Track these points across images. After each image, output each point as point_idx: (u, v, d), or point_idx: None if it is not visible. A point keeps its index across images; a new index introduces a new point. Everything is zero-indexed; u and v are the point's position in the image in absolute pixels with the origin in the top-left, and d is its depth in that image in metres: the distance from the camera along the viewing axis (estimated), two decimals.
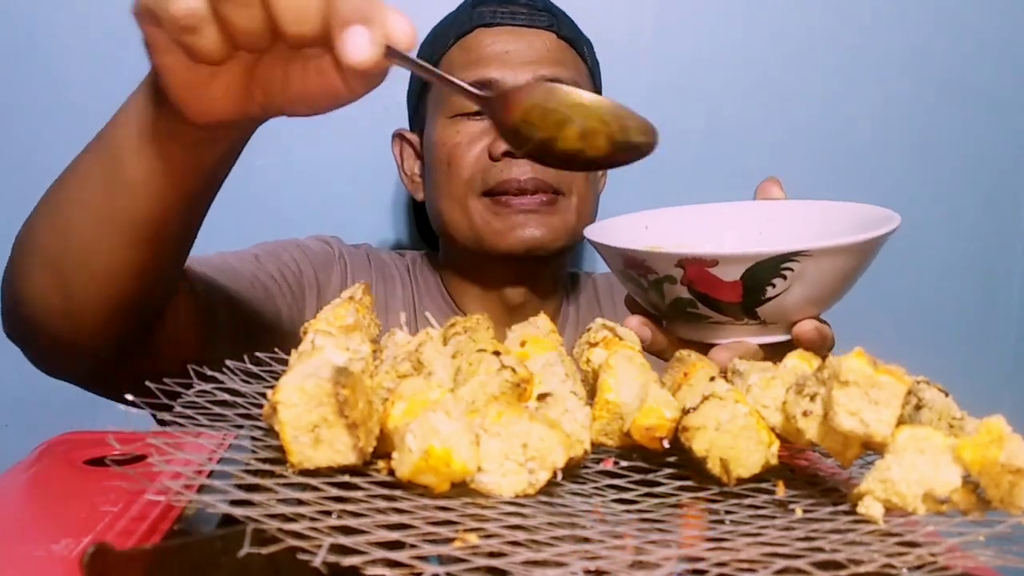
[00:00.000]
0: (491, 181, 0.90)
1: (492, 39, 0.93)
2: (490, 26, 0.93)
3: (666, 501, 0.44)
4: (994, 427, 0.39)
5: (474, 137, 0.92)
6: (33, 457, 0.52)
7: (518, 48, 0.92)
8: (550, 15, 0.95)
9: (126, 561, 0.31)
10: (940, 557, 0.35)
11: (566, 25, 0.97)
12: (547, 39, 0.94)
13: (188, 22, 0.44)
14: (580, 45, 0.97)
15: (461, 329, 0.61)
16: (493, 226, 0.91)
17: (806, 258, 0.58)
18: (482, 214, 0.91)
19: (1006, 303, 1.35)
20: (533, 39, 0.93)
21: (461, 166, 0.92)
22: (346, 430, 0.38)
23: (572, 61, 0.96)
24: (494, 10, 0.94)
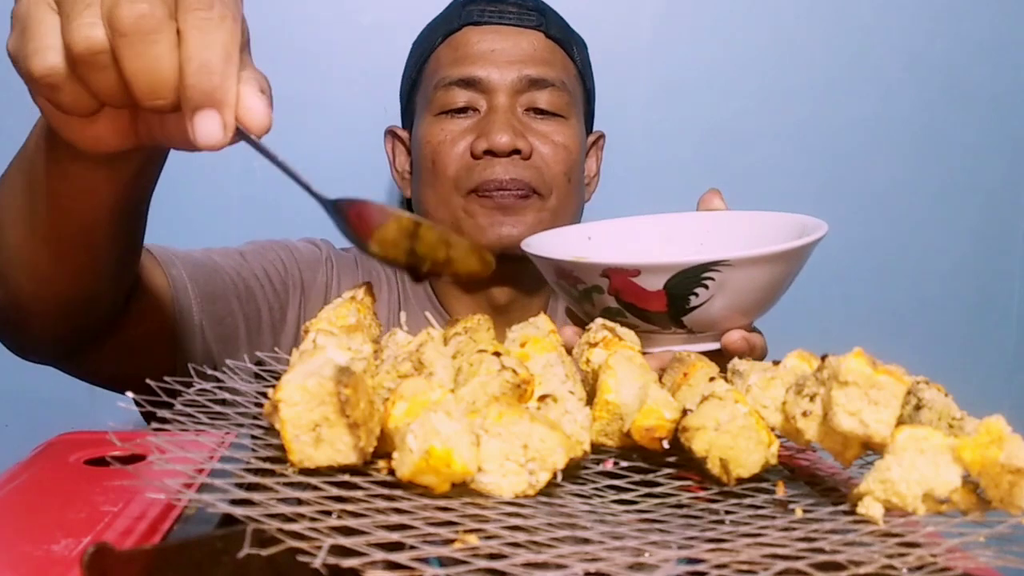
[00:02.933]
0: (474, 179, 0.91)
1: (479, 37, 0.93)
2: (478, 24, 0.93)
3: (666, 501, 0.44)
4: (994, 427, 0.39)
5: (457, 135, 0.93)
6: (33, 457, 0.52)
7: (505, 47, 0.93)
8: (539, 15, 0.95)
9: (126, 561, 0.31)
10: (940, 557, 0.35)
11: (555, 25, 0.96)
12: (535, 39, 0.94)
13: (47, 81, 0.43)
14: (570, 45, 0.97)
15: (462, 329, 0.61)
16: (475, 221, 0.92)
17: (727, 268, 0.58)
18: (465, 210, 0.92)
19: (1006, 303, 1.35)
20: (520, 38, 0.93)
21: (445, 164, 0.92)
22: (347, 430, 0.38)
23: (560, 61, 0.96)
24: (483, 8, 0.94)
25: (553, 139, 0.93)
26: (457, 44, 0.94)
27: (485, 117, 0.92)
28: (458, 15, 0.95)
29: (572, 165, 0.94)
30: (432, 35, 0.97)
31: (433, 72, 0.95)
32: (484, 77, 0.91)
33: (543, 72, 0.93)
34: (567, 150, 0.94)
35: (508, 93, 0.92)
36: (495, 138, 0.89)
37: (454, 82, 0.92)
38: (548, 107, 0.93)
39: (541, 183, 0.92)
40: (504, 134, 0.89)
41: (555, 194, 0.93)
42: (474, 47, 0.93)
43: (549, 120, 0.94)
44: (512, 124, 0.91)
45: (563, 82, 0.94)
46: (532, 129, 0.93)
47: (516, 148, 0.90)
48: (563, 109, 0.94)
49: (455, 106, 0.92)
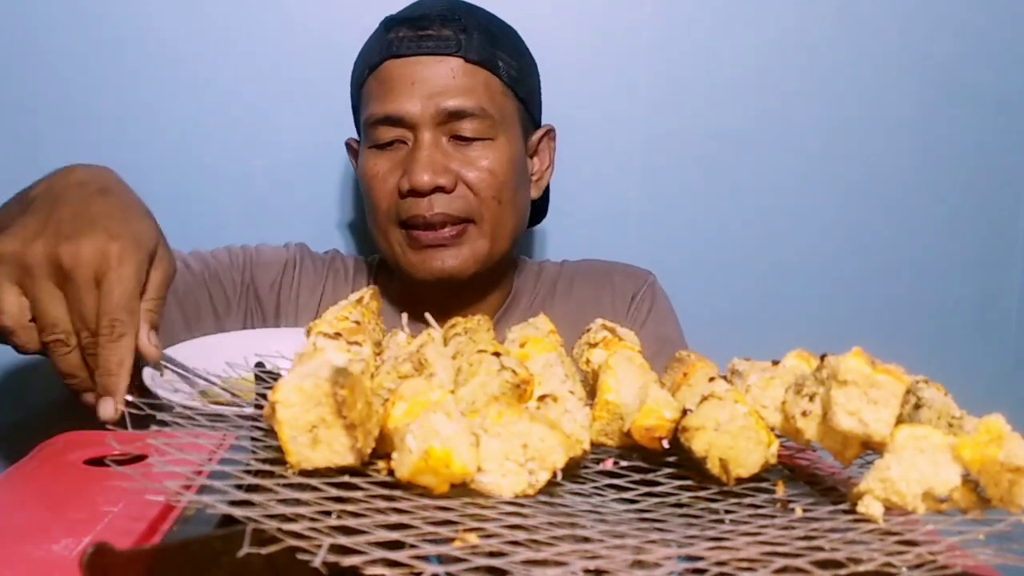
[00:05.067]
0: (403, 215, 0.94)
1: (399, 70, 0.94)
2: (398, 56, 0.94)
3: (666, 500, 0.44)
4: (993, 426, 0.39)
5: (387, 171, 0.95)
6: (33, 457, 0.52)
7: (423, 79, 0.93)
8: (459, 35, 0.94)
9: (126, 561, 0.31)
10: (940, 556, 0.35)
11: (477, 45, 0.95)
12: (453, 66, 0.94)
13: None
14: (493, 62, 0.96)
15: (461, 330, 0.61)
16: (408, 257, 0.95)
17: None
18: (400, 243, 0.95)
19: (1006, 303, 1.35)
20: (439, 68, 0.93)
21: (379, 200, 0.95)
22: (344, 431, 0.38)
23: (481, 85, 0.95)
24: (403, 36, 0.94)
25: (479, 164, 0.94)
26: (381, 78, 0.95)
27: (410, 153, 0.93)
28: (380, 45, 0.95)
29: (500, 187, 0.95)
30: (362, 64, 0.98)
31: (365, 105, 0.97)
32: (405, 114, 0.93)
33: (461, 102, 0.93)
34: (492, 174, 0.94)
35: (430, 127, 0.93)
36: (415, 178, 0.91)
37: (379, 120, 0.94)
38: (472, 134, 0.94)
39: (471, 212, 0.94)
40: (424, 173, 0.91)
41: (487, 219, 0.95)
42: (395, 82, 0.93)
43: (475, 145, 0.94)
44: (433, 160, 0.92)
45: (483, 108, 0.94)
46: (456, 159, 0.94)
47: (438, 185, 0.92)
48: (487, 132, 0.94)
49: (384, 141, 0.94)
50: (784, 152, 1.27)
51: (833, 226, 1.29)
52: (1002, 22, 1.30)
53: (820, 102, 1.27)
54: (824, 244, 1.29)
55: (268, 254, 1.03)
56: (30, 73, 1.12)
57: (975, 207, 1.32)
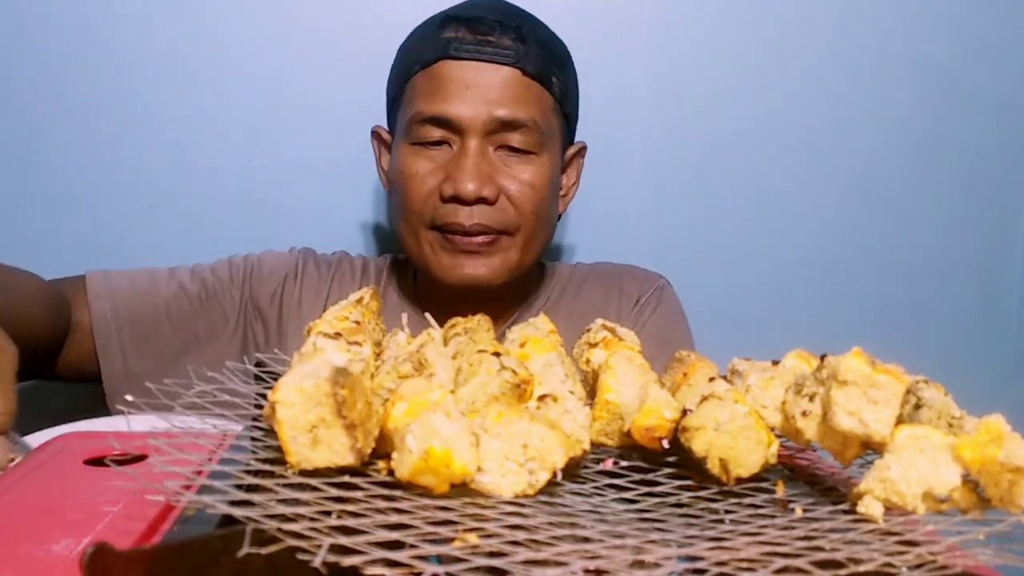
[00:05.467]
0: (439, 220, 0.93)
1: (455, 72, 0.92)
2: (454, 59, 0.93)
3: (666, 500, 0.44)
4: (993, 426, 0.39)
5: (428, 172, 0.93)
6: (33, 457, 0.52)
7: (479, 84, 0.92)
8: (517, 47, 0.93)
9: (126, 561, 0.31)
10: (940, 556, 0.35)
11: (534, 58, 0.95)
12: (510, 76, 0.93)
13: None
14: (548, 77, 0.96)
15: (462, 330, 0.61)
16: (439, 259, 0.94)
17: None
18: (431, 244, 0.94)
19: (1006, 303, 1.35)
20: (495, 75, 0.92)
21: (414, 200, 0.94)
22: (344, 431, 0.38)
23: (535, 98, 0.94)
24: (461, 38, 0.93)
25: (521, 178, 0.94)
26: (433, 77, 0.93)
27: (455, 159, 0.92)
28: (436, 43, 0.94)
29: (540, 202, 0.95)
30: (411, 59, 0.97)
31: (410, 100, 0.95)
32: (456, 118, 0.92)
33: (515, 113, 0.92)
34: (535, 189, 0.94)
35: (480, 134, 0.92)
36: (461, 186, 0.90)
37: (427, 119, 0.93)
38: (520, 146, 0.93)
39: (508, 224, 0.94)
40: (470, 183, 0.90)
41: (522, 231, 0.95)
42: (449, 83, 0.92)
43: (520, 158, 0.94)
44: (480, 170, 0.91)
45: (535, 121, 0.94)
46: (501, 170, 0.93)
47: (482, 196, 0.91)
48: (534, 147, 0.94)
49: (428, 140, 0.93)
50: (784, 152, 1.27)
51: (833, 226, 1.29)
52: (1002, 22, 1.30)
53: (820, 102, 1.27)
54: (824, 244, 1.29)
55: (270, 264, 1.02)
56: (29, 73, 1.12)
57: (975, 207, 1.32)
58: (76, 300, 0.92)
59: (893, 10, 1.27)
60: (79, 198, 1.14)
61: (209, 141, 1.15)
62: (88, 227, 1.13)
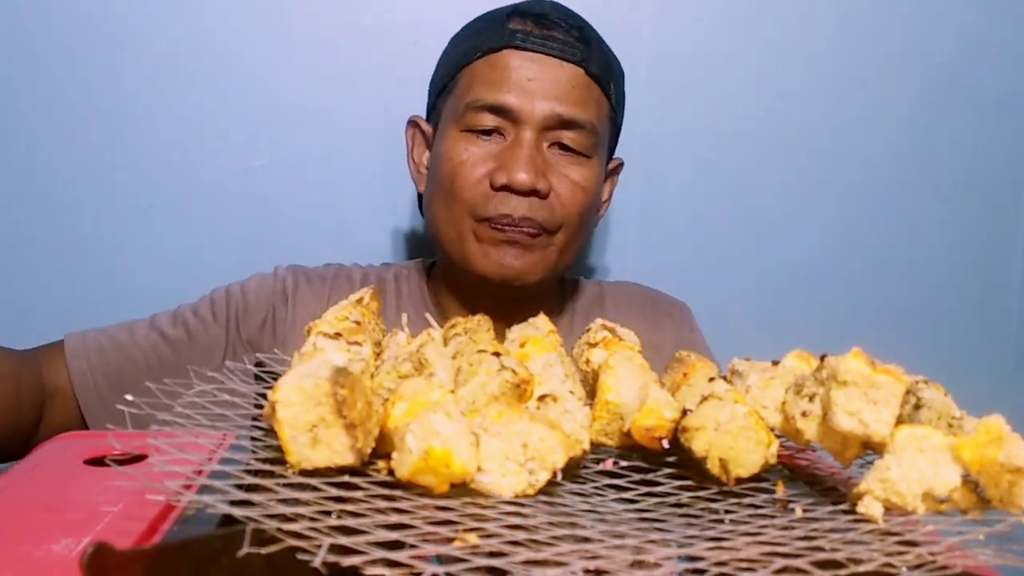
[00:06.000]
0: (488, 211, 0.91)
1: (519, 62, 0.91)
2: (520, 49, 0.91)
3: (666, 500, 0.44)
4: (993, 426, 0.39)
5: (479, 160, 0.92)
6: (33, 457, 0.52)
7: (543, 78, 0.91)
8: (584, 47, 0.93)
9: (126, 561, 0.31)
10: (939, 556, 0.35)
11: (597, 60, 0.94)
12: (574, 74, 0.92)
13: None
14: (607, 82, 0.95)
15: (461, 330, 0.61)
16: (481, 247, 0.92)
17: None
18: (474, 233, 0.92)
19: (1006, 303, 1.35)
20: (560, 72, 0.91)
21: (462, 186, 0.92)
22: (344, 430, 0.38)
23: (595, 101, 0.94)
24: (528, 31, 0.92)
25: (572, 179, 0.92)
26: (496, 64, 0.92)
27: (509, 148, 0.91)
28: (502, 32, 0.93)
29: (587, 206, 0.94)
30: (472, 45, 0.95)
31: (467, 87, 0.94)
32: (517, 107, 0.90)
33: (575, 112, 0.91)
34: (585, 192, 0.93)
35: (537, 128, 0.91)
36: (516, 176, 0.89)
37: (485, 106, 0.91)
38: (574, 146, 0.92)
39: (552, 222, 0.92)
40: (525, 173, 0.89)
41: (564, 231, 0.93)
42: (513, 73, 0.91)
43: (572, 158, 0.93)
44: (535, 163, 0.90)
45: (593, 123, 0.93)
46: (553, 167, 0.92)
47: (535, 188, 0.89)
48: (588, 149, 0.93)
49: (482, 128, 0.92)
50: (784, 152, 1.27)
51: (833, 226, 1.29)
52: (1002, 22, 1.30)
53: (820, 102, 1.27)
54: (824, 244, 1.29)
55: (255, 293, 0.97)
56: (29, 73, 1.12)
57: (975, 207, 1.32)
58: (53, 364, 0.87)
59: (893, 10, 1.27)
60: (79, 198, 1.14)
61: (209, 141, 1.15)
62: (88, 227, 1.13)
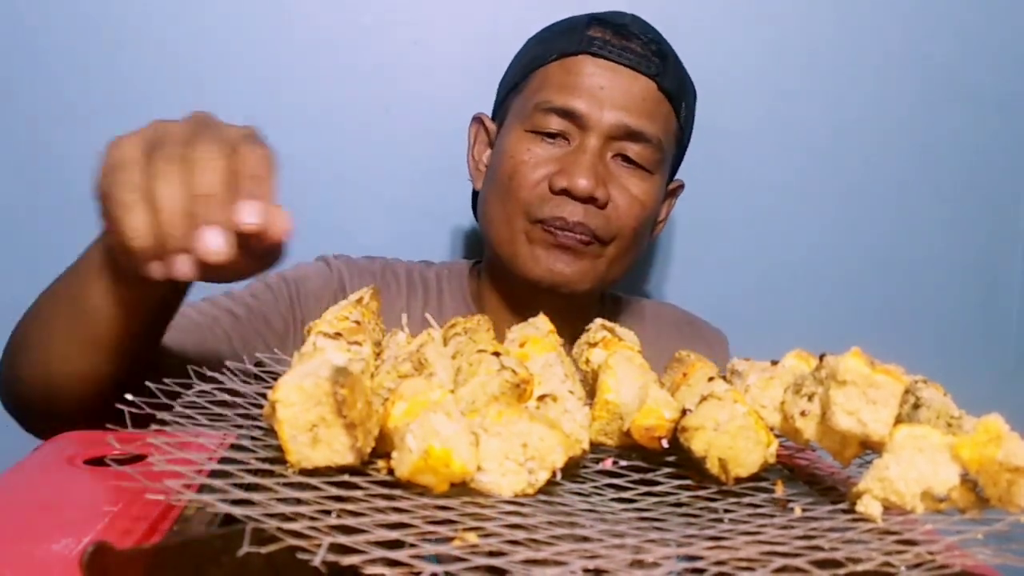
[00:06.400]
0: (543, 213, 0.90)
1: (593, 69, 0.91)
2: (596, 56, 0.91)
3: (665, 500, 0.44)
4: (992, 426, 0.39)
5: (540, 162, 0.91)
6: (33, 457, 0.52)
7: (614, 87, 0.91)
8: (660, 62, 0.93)
9: (126, 561, 0.31)
10: (938, 555, 0.35)
11: (671, 76, 0.94)
12: (647, 87, 0.92)
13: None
14: (679, 101, 0.95)
15: (461, 330, 0.61)
16: (532, 251, 0.91)
17: None
18: (527, 235, 0.92)
19: (1006, 303, 1.35)
20: (633, 83, 0.91)
21: (521, 186, 0.91)
22: (344, 430, 0.38)
23: (664, 117, 0.94)
24: (606, 40, 0.92)
25: (632, 192, 0.92)
26: (570, 69, 0.92)
27: (573, 154, 0.91)
28: (580, 38, 0.93)
29: (643, 221, 0.93)
30: (549, 47, 0.95)
31: (538, 87, 0.94)
32: (585, 113, 0.90)
33: (643, 125, 0.91)
34: (643, 206, 0.92)
35: (602, 136, 0.90)
36: (576, 181, 0.88)
37: (555, 109, 0.91)
38: (637, 159, 0.92)
39: (606, 231, 0.91)
40: (586, 179, 0.88)
41: (616, 244, 0.93)
42: (586, 79, 0.91)
43: (634, 171, 0.92)
44: (596, 170, 0.89)
45: (659, 139, 0.92)
46: (614, 177, 0.91)
47: (594, 196, 0.89)
48: (651, 164, 0.93)
49: (548, 130, 0.91)
50: (784, 152, 1.27)
51: (833, 226, 1.29)
52: (1002, 22, 1.30)
53: (820, 102, 1.27)
54: (823, 244, 1.29)
55: (311, 280, 0.96)
56: (29, 73, 1.12)
57: (975, 207, 1.32)
58: None
59: (893, 10, 1.27)
60: (79, 198, 1.14)
61: None
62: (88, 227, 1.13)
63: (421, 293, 1.00)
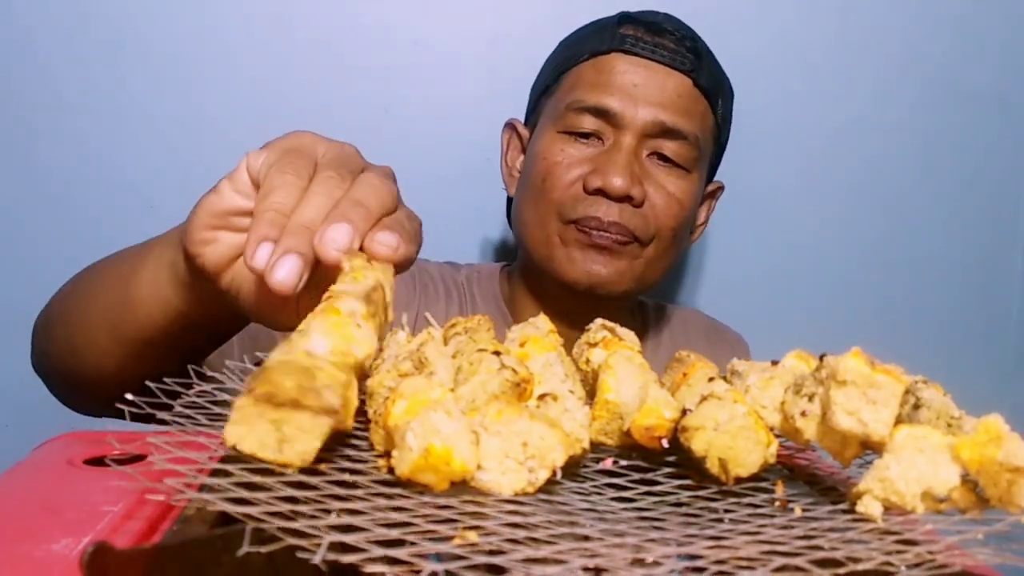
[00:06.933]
0: (577, 213, 0.89)
1: (626, 67, 0.90)
2: (629, 53, 0.90)
3: (665, 499, 0.44)
4: (992, 426, 0.39)
5: (574, 162, 0.90)
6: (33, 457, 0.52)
7: (649, 85, 0.90)
8: (695, 58, 0.92)
9: (126, 561, 0.31)
10: (938, 555, 0.35)
11: (707, 73, 0.93)
12: (682, 84, 0.90)
13: None
14: (715, 97, 0.94)
15: (462, 329, 0.61)
16: (567, 252, 0.90)
17: None
18: (561, 237, 0.90)
19: (1006, 303, 1.35)
20: (667, 80, 0.90)
21: (554, 187, 0.90)
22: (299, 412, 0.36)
23: (700, 113, 0.92)
24: (638, 37, 0.91)
25: (669, 190, 0.90)
26: (602, 68, 0.91)
27: (607, 153, 0.89)
28: (611, 36, 0.92)
29: (682, 220, 0.92)
30: (580, 47, 0.94)
31: (570, 88, 0.93)
32: (619, 111, 0.89)
33: (679, 122, 0.90)
34: (681, 205, 0.91)
35: (637, 134, 0.89)
36: (611, 180, 0.87)
37: (587, 108, 0.90)
38: (673, 157, 0.90)
39: (644, 231, 0.90)
40: (621, 178, 0.87)
41: (655, 244, 0.91)
42: (618, 77, 0.90)
43: (671, 170, 0.91)
44: (632, 168, 0.88)
45: (696, 136, 0.91)
46: (651, 176, 0.90)
47: (629, 194, 0.88)
48: (688, 162, 0.91)
49: (581, 130, 0.90)
50: (784, 152, 1.27)
51: (833, 226, 1.29)
52: (1002, 22, 1.30)
53: (820, 102, 1.27)
54: (824, 244, 1.29)
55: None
56: (29, 73, 1.12)
57: (975, 207, 1.32)
58: None
59: (892, 10, 1.27)
60: (79, 198, 1.14)
61: (209, 141, 1.15)
62: (88, 227, 1.13)
63: (456, 297, 0.99)
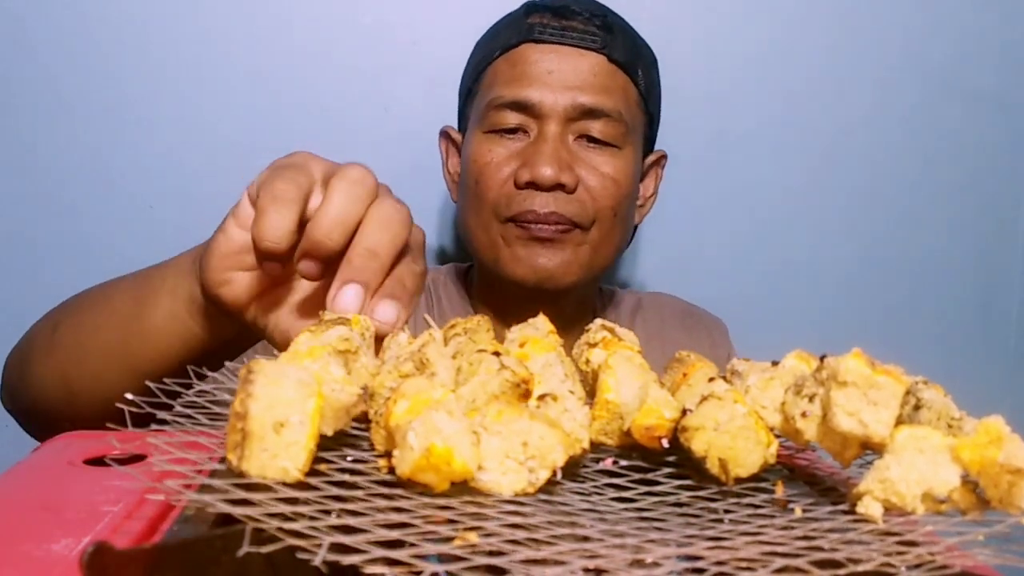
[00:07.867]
0: (513, 209, 0.89)
1: (538, 56, 0.90)
2: (538, 42, 0.90)
3: (665, 500, 0.44)
4: (993, 427, 0.39)
5: (503, 160, 0.90)
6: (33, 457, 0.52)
7: (563, 69, 0.89)
8: (605, 34, 0.91)
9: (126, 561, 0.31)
10: (939, 556, 0.35)
11: (620, 46, 0.92)
12: (595, 62, 0.90)
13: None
14: (635, 69, 0.93)
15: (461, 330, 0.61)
16: (511, 250, 0.90)
17: None
18: (504, 237, 0.90)
19: (1006, 303, 1.35)
20: (580, 61, 0.89)
21: (488, 187, 0.90)
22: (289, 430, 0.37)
23: (620, 88, 0.92)
24: (545, 23, 0.90)
25: (602, 171, 0.90)
26: (515, 61, 0.91)
27: (533, 145, 0.89)
28: (520, 27, 0.92)
29: (620, 199, 0.92)
30: (493, 44, 0.94)
31: (488, 87, 0.92)
32: (537, 102, 0.89)
33: (599, 101, 0.89)
34: (616, 183, 0.90)
35: (560, 121, 0.89)
36: (539, 171, 0.87)
37: (506, 104, 0.90)
38: (601, 137, 0.90)
39: (583, 217, 0.90)
40: (549, 167, 0.86)
41: (597, 227, 0.91)
42: (531, 67, 0.89)
43: (601, 150, 0.90)
44: (559, 156, 0.88)
45: (619, 112, 0.90)
46: (581, 159, 0.90)
47: (560, 182, 0.87)
48: (617, 139, 0.91)
49: (505, 127, 0.90)
50: (783, 152, 1.27)
51: (833, 226, 1.29)
52: (1002, 22, 1.30)
53: (820, 103, 1.27)
54: (824, 244, 1.29)
55: None
56: (29, 73, 1.12)
57: (975, 207, 1.33)
58: None
59: (892, 10, 1.27)
60: (79, 198, 1.14)
61: (209, 141, 1.15)
62: (88, 227, 1.13)
63: (423, 299, 0.99)
